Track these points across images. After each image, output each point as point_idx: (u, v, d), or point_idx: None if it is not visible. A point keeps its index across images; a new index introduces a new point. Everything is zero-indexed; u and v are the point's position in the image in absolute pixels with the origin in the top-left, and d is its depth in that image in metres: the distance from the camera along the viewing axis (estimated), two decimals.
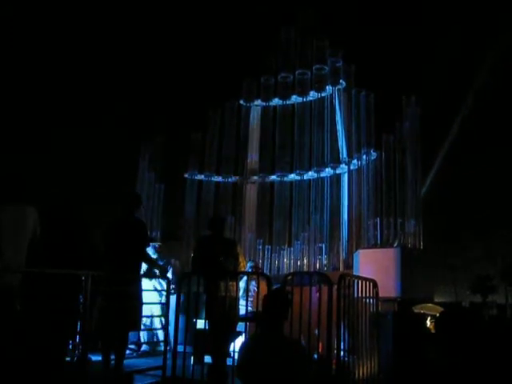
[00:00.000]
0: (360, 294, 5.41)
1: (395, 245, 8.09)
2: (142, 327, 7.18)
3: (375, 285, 5.73)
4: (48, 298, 4.95)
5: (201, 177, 10.69)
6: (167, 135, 11.10)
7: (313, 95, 10.23)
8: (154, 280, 7.77)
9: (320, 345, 5.17)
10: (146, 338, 7.95)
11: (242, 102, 10.87)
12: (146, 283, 7.14)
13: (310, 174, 10.04)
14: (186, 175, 10.69)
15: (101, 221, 6.40)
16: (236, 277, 6.06)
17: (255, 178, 10.74)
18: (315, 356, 5.26)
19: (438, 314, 8.53)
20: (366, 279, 5.60)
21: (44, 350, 5.17)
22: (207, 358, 6.06)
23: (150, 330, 8.00)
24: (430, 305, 8.33)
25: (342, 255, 9.29)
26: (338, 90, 9.99)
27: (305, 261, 9.72)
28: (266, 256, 10.13)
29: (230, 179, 10.68)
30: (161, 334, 7.69)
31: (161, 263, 7.52)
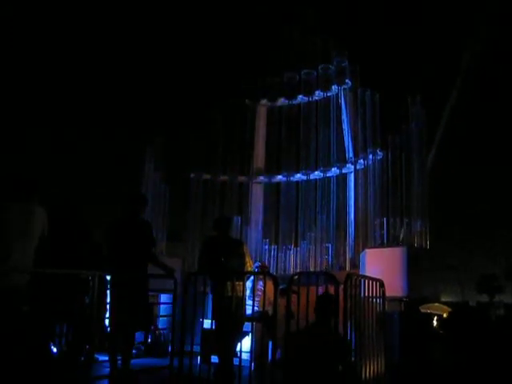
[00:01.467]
0: (367, 294, 5.40)
1: (400, 238, 8.04)
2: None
3: (382, 284, 5.72)
4: (55, 299, 4.96)
5: (206, 177, 10.67)
6: (171, 134, 11.09)
7: (318, 95, 10.22)
8: None
9: None
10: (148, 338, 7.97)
11: (247, 101, 10.87)
12: None
13: (317, 174, 10.03)
14: (192, 175, 10.66)
15: (101, 221, 6.41)
16: (242, 277, 6.06)
17: (261, 177, 10.74)
18: None
19: (444, 314, 8.51)
20: (372, 279, 5.59)
21: (49, 350, 5.20)
22: (214, 358, 6.07)
23: (156, 330, 8.02)
24: (436, 304, 8.30)
25: (349, 255, 9.28)
26: (344, 89, 9.98)
27: (311, 261, 9.71)
28: (272, 256, 10.12)
29: (235, 179, 10.67)
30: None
31: None
